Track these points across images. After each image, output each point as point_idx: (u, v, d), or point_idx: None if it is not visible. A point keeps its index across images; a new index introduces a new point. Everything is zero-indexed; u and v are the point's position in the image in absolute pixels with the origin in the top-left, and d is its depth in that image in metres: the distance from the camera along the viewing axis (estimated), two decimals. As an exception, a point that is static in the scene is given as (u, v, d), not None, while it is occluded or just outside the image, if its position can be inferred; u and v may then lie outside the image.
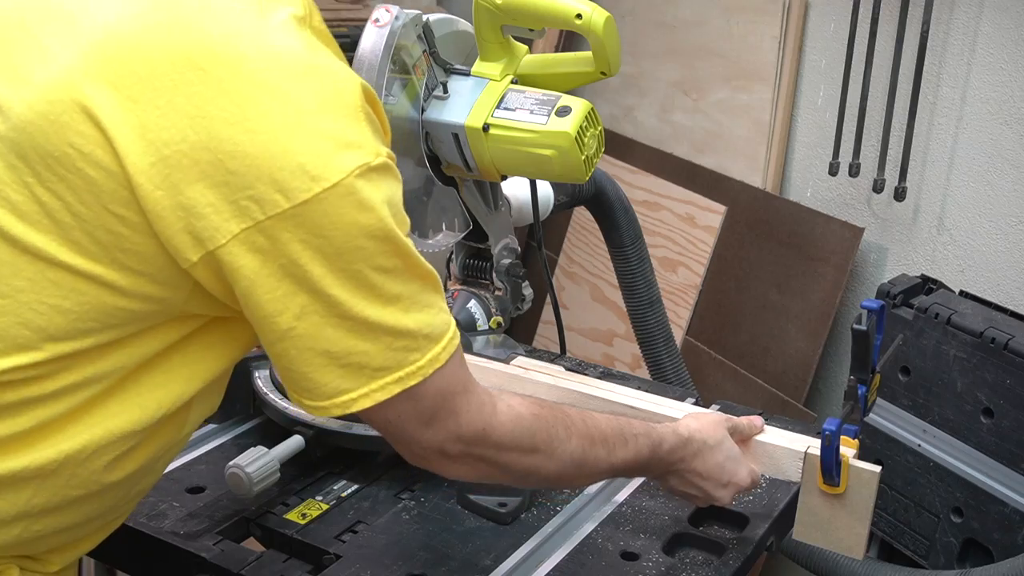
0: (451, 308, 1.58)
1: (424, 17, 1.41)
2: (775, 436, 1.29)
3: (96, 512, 1.02)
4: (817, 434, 1.22)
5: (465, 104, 1.42)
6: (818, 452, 1.20)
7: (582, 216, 3.15)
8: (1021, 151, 2.29)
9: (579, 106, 1.38)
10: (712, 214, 2.86)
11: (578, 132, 1.37)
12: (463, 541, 1.28)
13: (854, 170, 2.56)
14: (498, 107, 1.41)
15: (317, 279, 0.89)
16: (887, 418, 2.27)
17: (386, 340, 0.93)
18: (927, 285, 2.33)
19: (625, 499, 1.38)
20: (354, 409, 0.95)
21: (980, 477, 2.11)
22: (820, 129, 2.71)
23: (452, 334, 0.98)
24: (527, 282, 1.64)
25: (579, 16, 1.36)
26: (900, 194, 2.48)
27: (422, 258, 0.96)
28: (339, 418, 1.38)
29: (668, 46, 3.07)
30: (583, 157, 1.38)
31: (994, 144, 2.34)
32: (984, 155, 2.36)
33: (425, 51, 1.42)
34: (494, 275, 1.60)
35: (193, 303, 0.94)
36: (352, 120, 0.91)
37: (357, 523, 1.31)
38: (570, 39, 3.26)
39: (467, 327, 1.58)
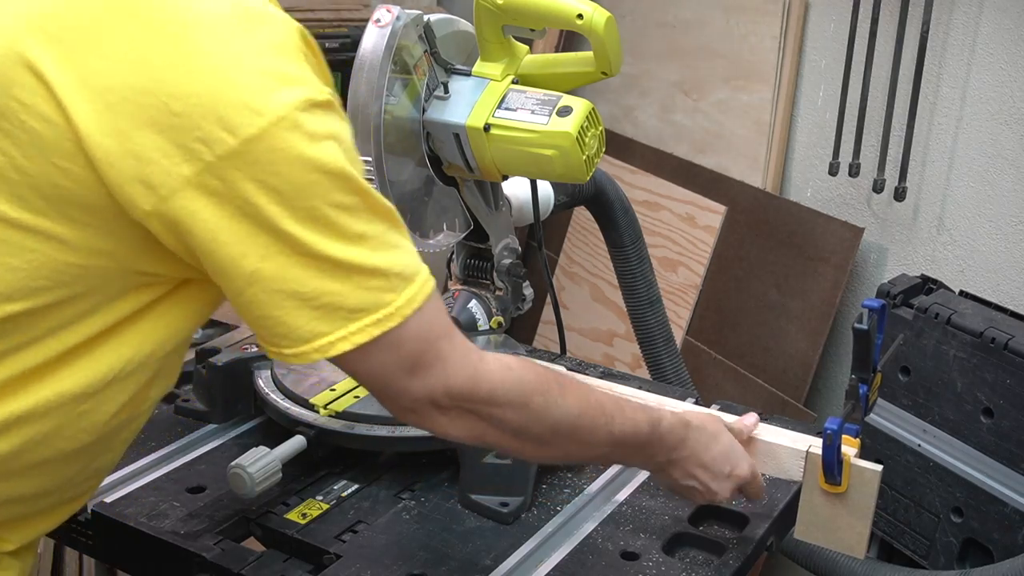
0: (451, 308, 1.58)
1: (425, 17, 1.41)
2: (776, 435, 1.29)
3: (53, 484, 1.03)
4: (818, 433, 1.23)
5: (466, 104, 1.42)
6: (820, 451, 1.20)
7: (582, 216, 3.15)
8: (1021, 151, 2.30)
9: (580, 106, 1.38)
10: (712, 214, 2.86)
11: (579, 132, 1.37)
12: (463, 541, 1.28)
13: (854, 170, 2.56)
14: (499, 107, 1.41)
15: (275, 218, 0.90)
16: (887, 418, 2.27)
17: (356, 279, 0.92)
18: (927, 285, 2.32)
19: (625, 499, 1.38)
20: (333, 354, 0.93)
21: (980, 477, 2.11)
22: (820, 129, 2.71)
23: (426, 275, 0.97)
24: (527, 282, 1.64)
25: (580, 16, 1.36)
26: (900, 194, 2.48)
27: (382, 197, 0.96)
28: (341, 418, 1.39)
29: (668, 46, 3.07)
30: (584, 157, 1.38)
31: (994, 144, 2.34)
32: (984, 155, 2.36)
33: (426, 51, 1.42)
34: (495, 275, 1.60)
35: (146, 259, 0.94)
36: (291, 59, 0.92)
37: (357, 523, 1.31)
38: (570, 39, 3.26)
39: (468, 327, 1.58)
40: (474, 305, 1.59)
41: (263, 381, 1.48)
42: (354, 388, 1.45)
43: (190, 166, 0.88)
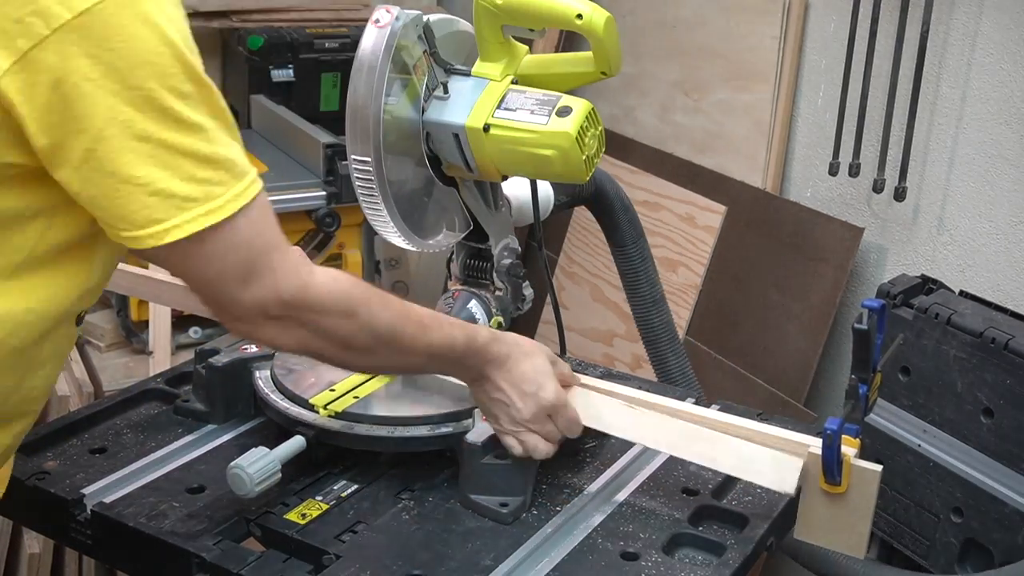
0: (451, 308, 1.58)
1: (424, 17, 1.41)
2: (776, 435, 1.29)
3: None
4: (818, 433, 1.23)
5: (466, 104, 1.42)
6: (820, 451, 1.20)
7: (582, 216, 3.15)
8: (1021, 151, 2.29)
9: (580, 106, 1.38)
10: (712, 214, 2.86)
11: (579, 132, 1.37)
12: (463, 541, 1.28)
13: (854, 170, 2.56)
14: (499, 107, 1.41)
15: (111, 96, 0.92)
16: (887, 418, 2.27)
17: (188, 168, 0.96)
18: (927, 285, 2.32)
19: (625, 499, 1.38)
20: (168, 240, 0.97)
21: (980, 477, 2.11)
22: (820, 129, 2.70)
23: (255, 176, 1.01)
24: (527, 282, 1.64)
25: (580, 16, 1.36)
26: (900, 194, 2.48)
27: (220, 96, 0.99)
28: (340, 418, 1.39)
29: (668, 46, 3.07)
30: (584, 157, 1.39)
31: (994, 144, 2.34)
32: (984, 155, 2.36)
33: (425, 51, 1.42)
34: (494, 275, 1.60)
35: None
36: None
37: (357, 523, 1.31)
38: (570, 39, 3.25)
39: (467, 327, 1.58)
40: (474, 305, 1.59)
41: (263, 381, 1.48)
42: (354, 388, 1.45)
43: (26, 40, 0.90)
